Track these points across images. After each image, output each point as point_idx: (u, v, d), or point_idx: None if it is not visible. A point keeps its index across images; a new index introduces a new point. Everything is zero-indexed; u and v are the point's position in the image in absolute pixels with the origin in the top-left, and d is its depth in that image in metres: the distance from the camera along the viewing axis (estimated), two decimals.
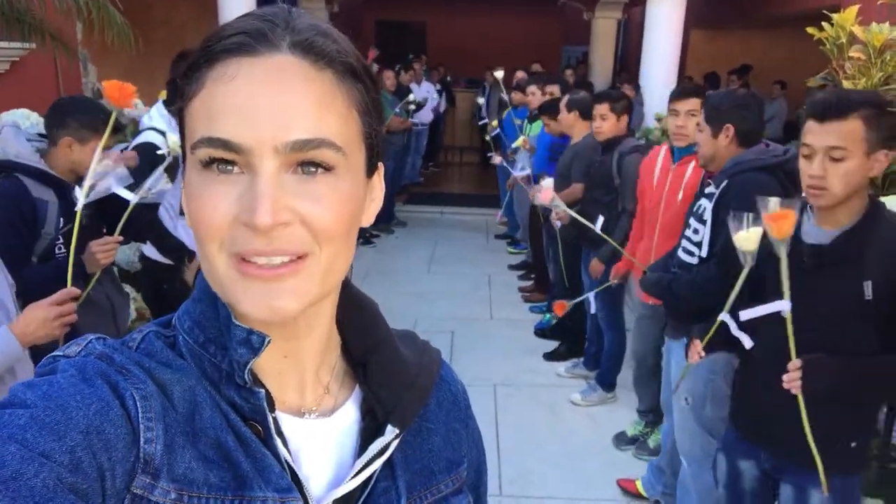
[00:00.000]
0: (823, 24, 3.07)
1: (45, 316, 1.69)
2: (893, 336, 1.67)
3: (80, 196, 1.83)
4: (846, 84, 3.03)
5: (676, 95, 2.93)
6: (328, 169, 0.53)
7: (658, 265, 2.63)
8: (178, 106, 0.56)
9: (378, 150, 0.60)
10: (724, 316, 1.84)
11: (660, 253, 3.07)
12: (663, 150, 3.08)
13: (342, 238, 0.55)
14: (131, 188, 2.10)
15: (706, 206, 2.33)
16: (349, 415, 0.64)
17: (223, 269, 0.53)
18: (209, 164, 0.52)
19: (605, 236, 2.90)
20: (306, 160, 0.52)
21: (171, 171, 2.60)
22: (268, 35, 0.52)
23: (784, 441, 1.83)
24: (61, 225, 2.25)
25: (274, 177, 0.50)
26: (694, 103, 2.88)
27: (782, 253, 1.58)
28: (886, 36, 2.73)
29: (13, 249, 2.12)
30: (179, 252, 2.89)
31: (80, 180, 2.36)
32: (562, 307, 3.58)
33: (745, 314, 1.79)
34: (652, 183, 3.07)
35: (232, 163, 0.51)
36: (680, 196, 2.94)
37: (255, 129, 0.50)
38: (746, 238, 1.63)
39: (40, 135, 2.38)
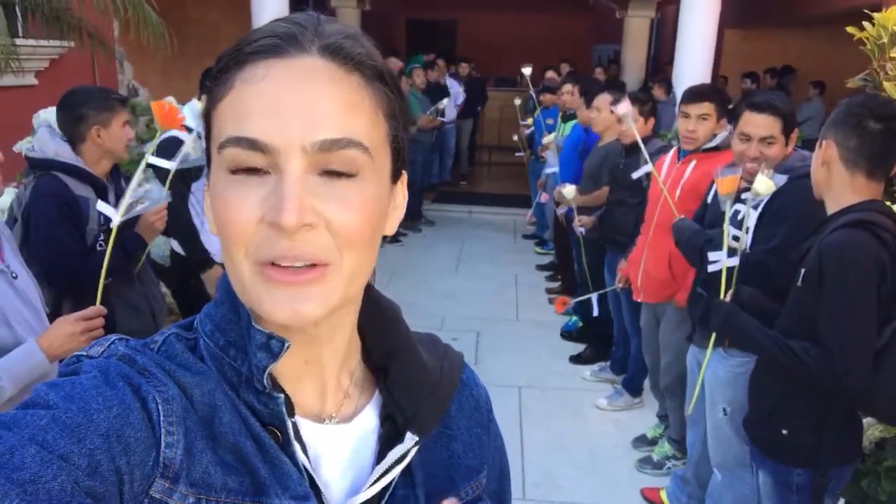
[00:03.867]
0: (864, 23, 2.99)
1: (72, 330, 1.69)
2: (806, 327, 1.75)
3: (117, 215, 1.85)
4: (887, 85, 2.94)
5: (689, 98, 2.87)
6: (353, 174, 0.53)
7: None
8: (205, 109, 0.56)
9: (403, 156, 0.60)
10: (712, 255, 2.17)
11: (654, 248, 3.06)
12: (672, 150, 3.06)
13: (364, 244, 0.54)
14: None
15: (749, 212, 2.27)
16: (368, 421, 0.63)
17: (248, 274, 0.53)
18: (235, 171, 0.52)
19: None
20: (332, 167, 0.52)
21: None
22: (297, 38, 0.53)
23: (748, 425, 2.04)
24: (102, 222, 2.27)
25: (300, 177, 0.50)
26: (707, 107, 2.81)
27: (726, 207, 2.05)
28: None
29: (66, 244, 2.15)
30: (202, 254, 2.93)
31: (115, 170, 2.40)
32: (562, 304, 3.58)
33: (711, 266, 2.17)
34: (658, 181, 3.05)
35: (258, 168, 0.51)
36: (677, 195, 2.91)
37: (282, 129, 0.50)
38: (764, 182, 1.99)
39: None
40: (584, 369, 4.20)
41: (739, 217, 2.32)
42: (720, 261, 2.05)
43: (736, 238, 2.30)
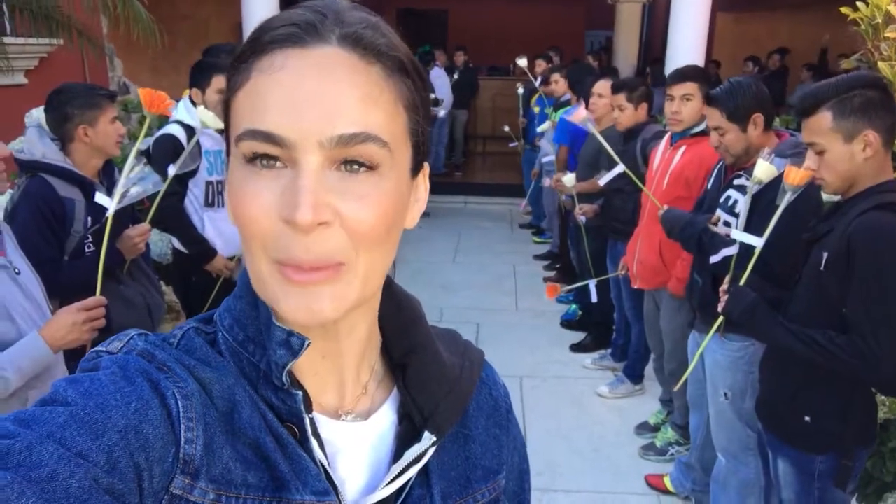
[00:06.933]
0: (858, 3, 2.98)
1: (74, 320, 1.70)
2: (829, 312, 1.72)
3: (112, 203, 1.84)
4: (882, 65, 2.93)
5: (672, 80, 2.90)
6: (372, 167, 0.52)
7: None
8: (224, 98, 0.55)
9: (424, 149, 0.58)
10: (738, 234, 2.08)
11: (646, 235, 3.08)
12: (667, 135, 3.07)
13: (381, 241, 0.53)
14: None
15: (738, 198, 2.27)
16: (386, 418, 0.63)
17: (267, 271, 0.52)
18: (252, 159, 0.51)
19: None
20: (350, 158, 0.51)
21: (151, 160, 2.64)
22: (317, 27, 0.51)
23: (764, 412, 1.99)
24: (89, 224, 2.26)
25: (317, 172, 0.49)
26: (690, 87, 2.83)
27: (784, 198, 1.86)
28: None
29: (46, 250, 2.14)
30: (201, 245, 2.91)
31: (105, 168, 2.38)
32: (554, 290, 3.59)
33: (720, 254, 2.13)
34: (653, 167, 3.05)
35: (275, 157, 0.50)
36: (666, 181, 2.91)
37: (299, 122, 0.49)
38: (765, 168, 1.93)
39: None
40: (585, 357, 4.20)
41: (730, 203, 2.32)
42: (753, 244, 1.98)
43: (727, 224, 2.31)
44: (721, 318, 2.09)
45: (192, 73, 2.95)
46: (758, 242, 1.96)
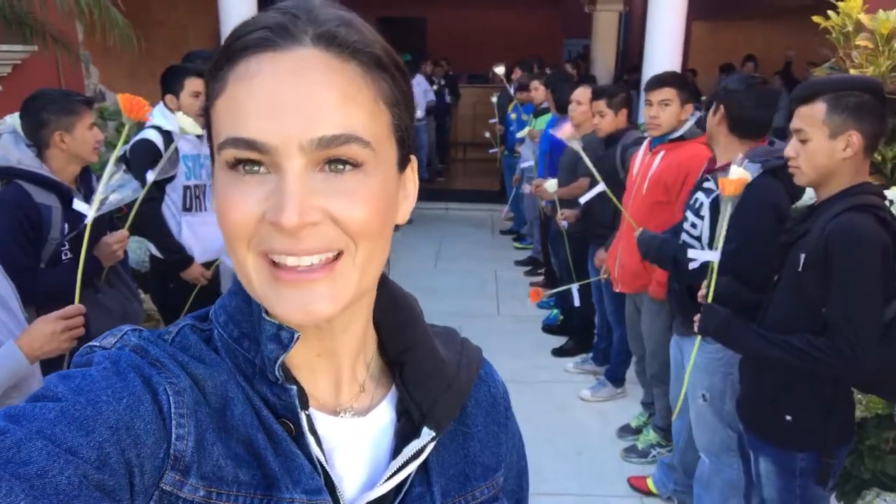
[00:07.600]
0: (829, 12, 3.04)
1: (52, 330, 1.65)
2: (810, 314, 1.74)
3: (91, 210, 1.81)
4: (853, 72, 3.00)
5: (650, 86, 2.94)
6: (356, 165, 0.51)
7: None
8: (204, 105, 0.55)
9: (410, 144, 0.58)
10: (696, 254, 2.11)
11: (627, 239, 3.11)
12: (646, 141, 3.12)
13: (376, 235, 0.53)
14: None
15: (703, 200, 2.30)
16: (385, 415, 0.62)
17: (253, 270, 0.52)
18: (235, 165, 0.51)
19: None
20: (333, 157, 0.50)
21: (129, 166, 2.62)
22: (289, 28, 0.51)
23: (745, 412, 1.99)
24: (66, 231, 2.22)
25: (300, 176, 0.49)
26: (668, 93, 2.87)
27: (727, 210, 1.89)
28: (894, 23, 2.69)
29: (22, 258, 2.10)
30: (178, 253, 2.88)
31: (83, 175, 2.35)
32: (536, 294, 3.61)
33: (697, 261, 2.11)
34: (632, 173, 3.08)
35: (258, 163, 0.50)
36: (645, 186, 2.94)
37: (279, 128, 0.48)
38: (738, 173, 1.90)
39: None
40: (567, 362, 4.22)
41: (697, 204, 2.35)
42: (710, 259, 2.01)
43: (693, 226, 2.34)
44: None
45: (163, 79, 2.93)
46: (714, 257, 1.99)
